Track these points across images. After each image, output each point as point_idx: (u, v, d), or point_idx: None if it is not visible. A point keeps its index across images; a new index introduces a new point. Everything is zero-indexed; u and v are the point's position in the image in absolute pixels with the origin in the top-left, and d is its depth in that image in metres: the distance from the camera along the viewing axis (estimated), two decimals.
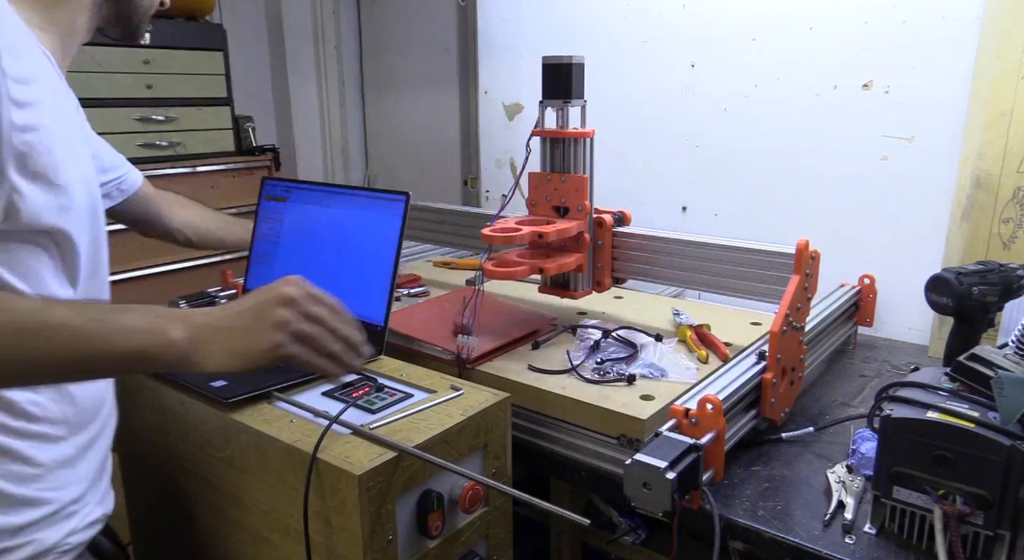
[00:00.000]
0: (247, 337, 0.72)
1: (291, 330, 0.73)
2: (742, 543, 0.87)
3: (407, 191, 1.12)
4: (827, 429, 1.08)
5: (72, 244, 0.80)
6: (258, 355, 0.72)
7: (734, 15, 1.62)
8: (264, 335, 0.72)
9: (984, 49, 1.30)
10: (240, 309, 0.74)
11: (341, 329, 0.78)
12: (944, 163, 1.39)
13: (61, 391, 0.83)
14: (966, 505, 0.75)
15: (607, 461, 0.99)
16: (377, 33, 2.58)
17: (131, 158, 1.82)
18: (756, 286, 1.15)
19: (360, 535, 0.78)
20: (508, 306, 1.38)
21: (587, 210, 1.21)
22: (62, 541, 0.82)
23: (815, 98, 1.54)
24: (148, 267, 1.89)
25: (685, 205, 1.79)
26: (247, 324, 0.73)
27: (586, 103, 1.20)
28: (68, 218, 0.78)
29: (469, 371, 1.11)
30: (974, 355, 0.84)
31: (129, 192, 1.18)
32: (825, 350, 1.28)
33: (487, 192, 2.26)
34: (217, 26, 2.07)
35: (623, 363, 1.12)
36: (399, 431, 0.86)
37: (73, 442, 0.84)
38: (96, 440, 0.89)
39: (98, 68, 1.79)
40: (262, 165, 2.13)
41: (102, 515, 0.90)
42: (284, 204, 1.29)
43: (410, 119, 2.53)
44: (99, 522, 0.89)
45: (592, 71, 1.22)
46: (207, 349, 0.71)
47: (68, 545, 0.83)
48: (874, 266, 1.44)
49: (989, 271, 1.04)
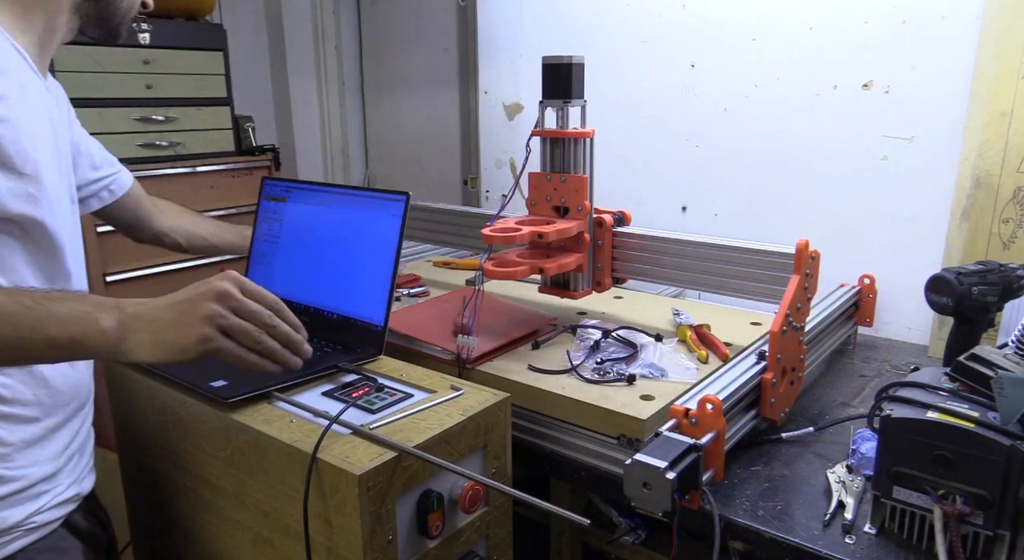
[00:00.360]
0: (176, 329, 0.74)
1: (220, 324, 0.75)
2: (742, 543, 0.87)
3: (407, 191, 1.12)
4: (827, 429, 1.08)
5: (48, 234, 0.81)
6: (188, 348, 0.74)
7: (734, 15, 1.62)
8: (193, 328, 0.74)
9: (984, 49, 1.30)
10: (173, 301, 0.76)
11: (278, 326, 0.79)
12: (944, 163, 1.39)
13: (33, 373, 0.84)
14: (966, 505, 0.75)
15: (607, 461, 0.99)
16: (377, 33, 2.58)
17: (131, 158, 1.84)
18: (756, 286, 1.15)
19: (360, 535, 0.78)
20: (508, 306, 1.38)
21: (587, 210, 1.21)
22: (26, 520, 0.83)
23: (815, 98, 1.54)
24: (148, 267, 1.89)
25: (685, 205, 1.79)
26: (177, 317, 0.75)
27: (586, 103, 1.20)
28: (40, 207, 0.79)
29: (469, 371, 1.11)
30: (974, 355, 0.84)
31: (119, 194, 1.17)
32: (825, 350, 1.28)
33: (487, 192, 2.26)
34: (217, 26, 2.07)
35: (623, 363, 1.12)
36: (399, 431, 0.86)
37: (45, 423, 0.86)
38: (70, 420, 0.90)
39: (98, 68, 1.78)
40: (262, 165, 2.13)
41: (75, 494, 0.91)
42: (284, 204, 1.29)
43: (410, 119, 2.53)
44: (72, 501, 0.90)
45: (592, 71, 1.22)
46: (136, 338, 0.73)
47: (33, 524, 0.84)
48: (874, 266, 1.44)
49: (989, 271, 1.04)
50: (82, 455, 0.96)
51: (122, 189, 1.18)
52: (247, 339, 0.77)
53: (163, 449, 1.08)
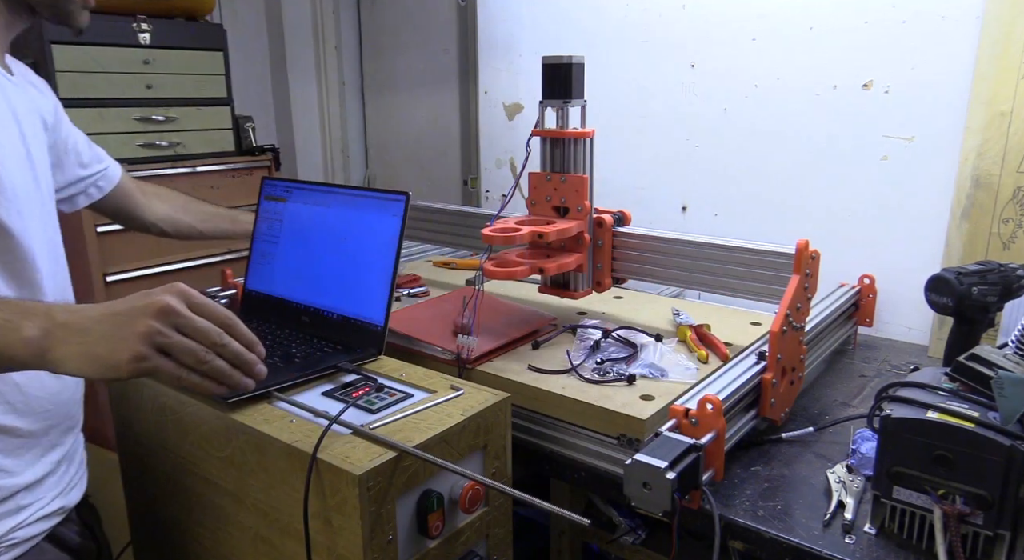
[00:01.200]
0: (108, 343, 0.66)
1: (158, 342, 0.67)
2: (742, 543, 0.87)
3: (407, 191, 1.12)
4: (827, 429, 1.08)
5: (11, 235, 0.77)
6: (119, 365, 0.66)
7: (734, 15, 1.62)
8: (126, 344, 0.66)
9: (984, 49, 1.30)
10: (110, 311, 0.68)
11: (228, 345, 0.71)
12: (944, 163, 1.39)
13: (3, 379, 0.80)
14: (966, 505, 0.75)
15: (607, 461, 0.99)
16: (377, 33, 2.58)
17: (131, 158, 1.84)
18: (756, 286, 1.15)
19: (360, 535, 0.78)
20: (508, 306, 1.38)
21: (587, 210, 1.21)
22: (5, 536, 0.80)
23: (815, 98, 1.54)
24: (148, 267, 1.89)
25: (685, 205, 1.79)
26: (111, 330, 0.67)
27: (586, 103, 1.20)
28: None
29: (469, 371, 1.11)
30: (974, 355, 0.84)
31: (107, 189, 1.18)
32: (825, 350, 1.28)
33: (487, 192, 2.26)
34: (217, 26, 2.06)
35: (623, 363, 1.12)
36: (399, 431, 0.86)
37: (22, 430, 0.82)
38: (51, 429, 0.87)
39: (98, 68, 1.78)
40: (262, 165, 2.13)
41: (60, 508, 0.87)
42: (284, 204, 1.29)
43: (410, 119, 2.53)
44: (57, 514, 0.87)
45: (592, 71, 1.22)
46: (64, 350, 0.66)
47: (13, 540, 0.81)
48: (874, 266, 1.44)
49: (989, 271, 1.04)
50: (70, 464, 0.92)
51: (110, 184, 1.18)
52: (189, 359, 0.69)
53: (163, 449, 1.08)
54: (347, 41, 2.61)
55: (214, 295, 1.43)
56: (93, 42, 1.76)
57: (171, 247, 1.93)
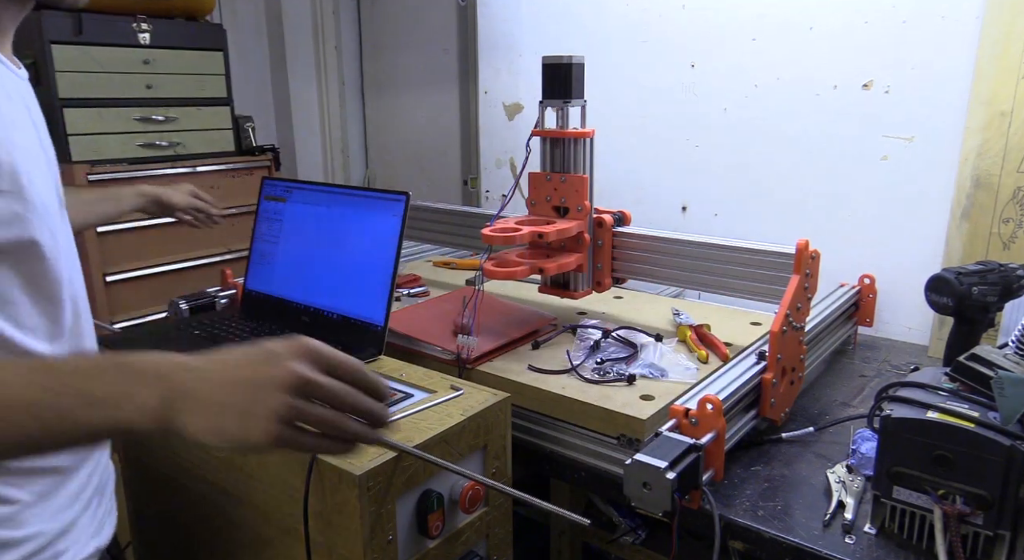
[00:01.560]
0: (238, 420, 0.58)
1: (293, 418, 0.59)
2: (742, 543, 0.87)
3: (407, 191, 1.12)
4: (827, 429, 1.08)
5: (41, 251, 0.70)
6: (254, 444, 0.59)
7: (734, 15, 1.62)
8: (259, 424, 0.58)
9: (984, 49, 1.30)
10: (234, 379, 0.59)
11: (361, 404, 0.62)
12: (944, 163, 1.39)
13: None
14: (966, 505, 0.75)
15: (607, 461, 0.99)
16: (377, 33, 2.58)
17: (131, 158, 1.84)
18: (756, 286, 1.15)
19: (360, 535, 0.78)
20: (508, 306, 1.38)
21: (587, 210, 1.21)
22: None
23: (815, 98, 1.54)
24: (148, 267, 1.89)
25: (685, 205, 1.79)
26: (240, 402, 0.58)
27: (586, 103, 1.20)
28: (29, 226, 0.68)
29: (469, 371, 1.11)
30: (974, 355, 0.84)
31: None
32: (825, 350, 1.28)
33: (487, 192, 2.26)
34: (217, 26, 2.07)
35: (623, 363, 1.12)
36: (399, 431, 0.86)
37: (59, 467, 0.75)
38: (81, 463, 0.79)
39: (98, 68, 1.78)
40: (262, 165, 2.13)
41: (95, 550, 0.79)
42: (284, 204, 1.29)
43: (410, 119, 2.53)
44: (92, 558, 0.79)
45: (592, 71, 1.22)
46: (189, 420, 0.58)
47: None
48: (874, 266, 1.44)
49: (989, 271, 1.04)
50: (102, 497, 0.84)
51: None
52: (326, 428, 0.61)
53: (164, 450, 1.08)
54: (347, 41, 2.61)
55: (214, 295, 1.43)
56: (93, 42, 1.76)
57: (171, 247, 1.93)
